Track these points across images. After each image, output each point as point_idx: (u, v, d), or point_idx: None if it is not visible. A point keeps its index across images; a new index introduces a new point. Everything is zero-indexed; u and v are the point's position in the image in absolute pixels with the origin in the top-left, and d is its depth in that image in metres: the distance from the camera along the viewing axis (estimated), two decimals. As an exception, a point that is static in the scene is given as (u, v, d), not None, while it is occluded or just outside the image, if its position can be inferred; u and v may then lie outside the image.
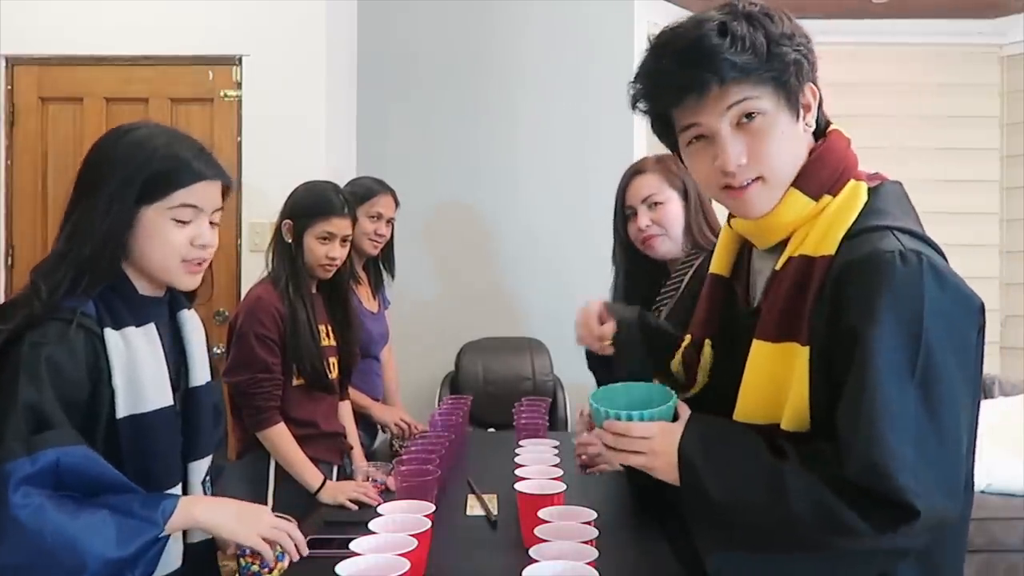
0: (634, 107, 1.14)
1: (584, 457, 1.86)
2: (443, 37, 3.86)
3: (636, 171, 1.98)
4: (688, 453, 1.06)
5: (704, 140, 1.10)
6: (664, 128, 1.17)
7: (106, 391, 1.20)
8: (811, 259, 1.05)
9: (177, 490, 1.32)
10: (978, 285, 1.05)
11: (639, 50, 1.20)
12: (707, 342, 1.24)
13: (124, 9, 3.20)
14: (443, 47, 3.86)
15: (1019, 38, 4.12)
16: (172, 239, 1.26)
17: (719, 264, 1.26)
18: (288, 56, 3.22)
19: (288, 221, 2.19)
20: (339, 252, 2.19)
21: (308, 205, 2.19)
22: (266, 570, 1.47)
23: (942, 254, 1.04)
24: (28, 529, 1.07)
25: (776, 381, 1.06)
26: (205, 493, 1.39)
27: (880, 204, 1.06)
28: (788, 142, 1.08)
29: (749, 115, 1.06)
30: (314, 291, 2.25)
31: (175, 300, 1.39)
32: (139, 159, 1.24)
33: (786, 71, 1.06)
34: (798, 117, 1.09)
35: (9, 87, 3.27)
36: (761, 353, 1.09)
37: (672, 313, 1.95)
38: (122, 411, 1.22)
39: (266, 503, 2.07)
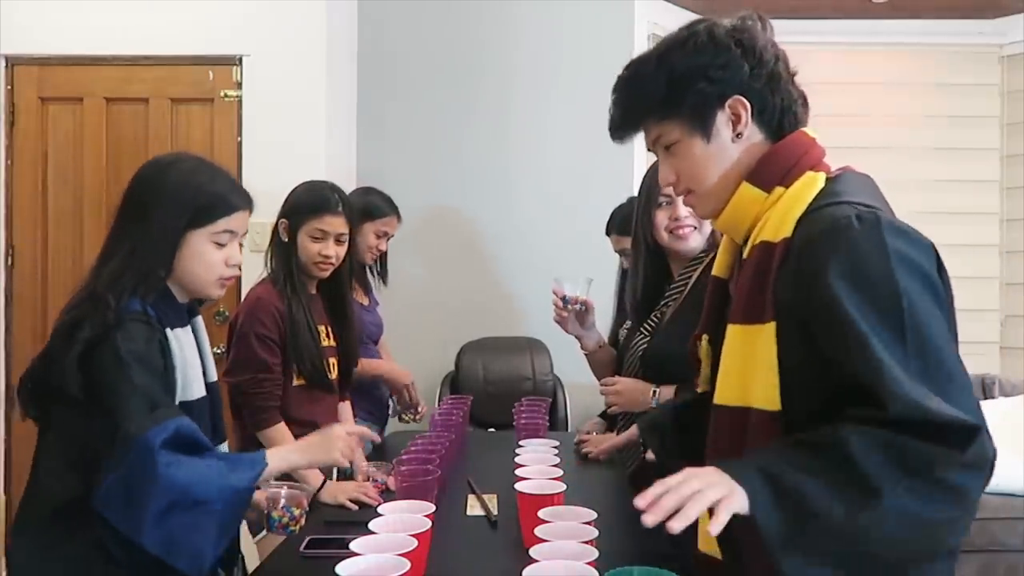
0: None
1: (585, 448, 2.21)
2: (443, 37, 3.86)
3: None
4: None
5: None
6: None
7: (171, 380, 1.43)
8: (771, 244, 1.09)
9: None
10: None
11: (639, 51, 1.24)
12: (704, 338, 1.28)
13: (124, 9, 3.20)
14: (443, 47, 3.86)
15: (1019, 38, 4.12)
16: (212, 259, 1.49)
17: (718, 267, 1.30)
18: (288, 56, 3.22)
19: (284, 220, 2.19)
20: (333, 250, 2.18)
21: (302, 203, 2.20)
22: (292, 521, 1.57)
23: None
24: (178, 478, 1.29)
25: (747, 363, 1.09)
26: None
27: (838, 188, 1.11)
28: (705, 159, 1.18)
29: (667, 145, 1.20)
30: (314, 292, 2.24)
31: (191, 308, 1.59)
32: (189, 190, 1.47)
33: (688, 104, 1.15)
34: (709, 137, 1.17)
35: (9, 87, 3.27)
36: (734, 336, 1.13)
37: (678, 311, 1.95)
38: (178, 398, 1.44)
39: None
